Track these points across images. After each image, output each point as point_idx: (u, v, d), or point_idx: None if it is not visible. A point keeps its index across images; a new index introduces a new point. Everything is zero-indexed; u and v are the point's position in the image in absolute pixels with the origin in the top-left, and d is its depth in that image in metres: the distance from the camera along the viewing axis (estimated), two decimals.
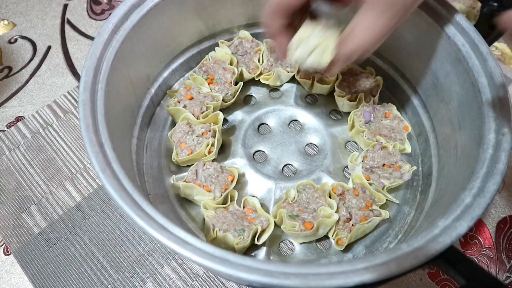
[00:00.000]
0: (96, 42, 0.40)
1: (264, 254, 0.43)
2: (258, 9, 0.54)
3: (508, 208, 0.49)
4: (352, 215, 0.42)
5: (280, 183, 0.47)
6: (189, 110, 0.48)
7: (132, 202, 0.32)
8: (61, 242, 0.46)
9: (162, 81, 0.52)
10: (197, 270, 0.44)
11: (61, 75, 0.60)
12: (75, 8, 0.68)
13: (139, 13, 0.43)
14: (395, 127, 0.49)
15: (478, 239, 0.47)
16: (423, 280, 0.45)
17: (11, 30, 0.64)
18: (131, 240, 0.46)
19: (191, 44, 0.54)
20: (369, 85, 0.51)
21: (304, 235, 0.41)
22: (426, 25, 0.44)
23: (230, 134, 0.51)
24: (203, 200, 0.42)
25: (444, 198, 0.40)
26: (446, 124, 0.45)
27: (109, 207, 0.48)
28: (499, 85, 0.37)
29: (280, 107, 0.53)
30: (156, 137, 0.50)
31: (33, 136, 0.53)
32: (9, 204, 0.48)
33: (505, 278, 0.45)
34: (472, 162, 0.36)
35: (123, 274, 0.44)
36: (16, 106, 0.57)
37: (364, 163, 0.45)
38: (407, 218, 0.45)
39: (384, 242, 0.44)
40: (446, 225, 0.31)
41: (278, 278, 0.27)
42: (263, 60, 0.54)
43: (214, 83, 0.51)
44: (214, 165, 0.44)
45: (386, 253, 0.29)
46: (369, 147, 0.46)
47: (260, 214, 0.43)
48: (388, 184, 0.44)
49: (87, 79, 0.37)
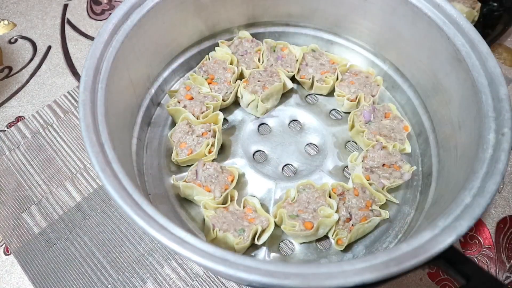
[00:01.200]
0: (96, 42, 0.40)
1: (264, 254, 0.43)
2: (258, 9, 0.54)
3: (508, 208, 0.49)
4: (352, 215, 0.42)
5: (280, 183, 0.47)
6: (189, 110, 0.48)
7: (132, 202, 0.32)
8: (61, 242, 0.46)
9: (162, 81, 0.52)
10: (197, 270, 0.44)
11: (61, 75, 0.60)
12: (75, 8, 0.68)
13: (139, 13, 0.43)
14: (395, 127, 0.49)
15: (478, 239, 0.47)
16: (423, 280, 0.45)
17: (11, 30, 0.64)
18: (131, 240, 0.46)
19: (191, 44, 0.54)
20: (369, 85, 0.51)
21: (304, 235, 0.41)
22: (426, 25, 0.44)
23: (230, 134, 0.51)
24: (203, 200, 0.42)
25: (444, 198, 0.40)
26: (446, 124, 0.45)
27: (109, 207, 0.48)
28: (499, 85, 0.37)
29: (280, 107, 0.53)
30: (156, 137, 0.50)
31: (33, 136, 0.53)
32: (9, 204, 0.48)
33: (505, 278, 0.45)
34: (472, 162, 0.36)
35: (123, 274, 0.44)
36: (16, 106, 0.57)
37: (364, 163, 0.45)
38: (407, 218, 0.45)
39: (384, 242, 0.44)
40: (446, 225, 0.31)
41: (278, 278, 0.27)
42: (263, 60, 0.54)
43: (214, 83, 0.51)
44: (214, 165, 0.44)
45: (386, 253, 0.29)
46: (369, 147, 0.46)
47: (260, 214, 0.43)
48: (388, 184, 0.44)
49: (87, 79, 0.37)
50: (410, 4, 0.44)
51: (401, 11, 0.46)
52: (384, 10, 0.48)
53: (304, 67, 0.54)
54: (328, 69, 0.53)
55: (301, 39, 0.58)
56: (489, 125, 0.36)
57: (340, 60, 0.54)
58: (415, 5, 0.44)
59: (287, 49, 0.54)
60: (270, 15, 0.55)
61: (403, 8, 0.45)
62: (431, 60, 0.46)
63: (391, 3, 0.47)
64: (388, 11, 0.47)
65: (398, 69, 0.52)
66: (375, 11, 0.49)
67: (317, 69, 0.53)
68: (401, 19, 0.47)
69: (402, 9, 0.46)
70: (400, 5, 0.46)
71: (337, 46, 0.57)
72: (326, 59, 0.54)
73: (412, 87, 0.51)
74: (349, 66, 0.54)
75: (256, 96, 0.49)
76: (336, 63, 0.54)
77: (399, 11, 0.46)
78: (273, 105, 0.53)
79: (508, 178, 0.52)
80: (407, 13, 0.45)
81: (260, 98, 0.49)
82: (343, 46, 0.56)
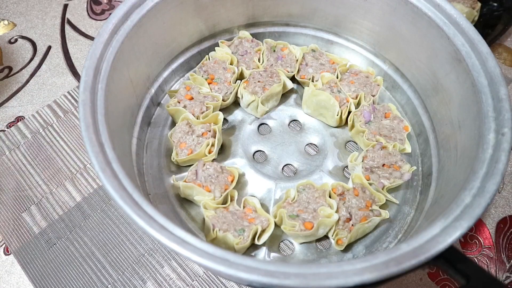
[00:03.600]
0: (96, 42, 0.40)
1: (264, 254, 0.43)
2: (258, 9, 0.54)
3: (508, 208, 0.49)
4: (352, 215, 0.42)
5: (280, 183, 0.47)
6: (189, 110, 0.48)
7: (132, 202, 0.32)
8: (61, 242, 0.46)
9: (162, 81, 0.52)
10: (197, 270, 0.44)
11: (61, 75, 0.60)
12: (75, 8, 0.68)
13: (139, 13, 0.43)
14: (395, 127, 0.49)
15: (478, 239, 0.47)
16: (423, 280, 0.45)
17: (11, 30, 0.64)
18: (131, 240, 0.46)
19: (191, 44, 0.54)
20: (369, 85, 0.51)
21: (304, 235, 0.41)
22: (426, 25, 0.44)
23: (230, 134, 0.51)
24: (203, 200, 0.42)
25: (444, 198, 0.40)
26: (446, 124, 0.45)
27: (109, 207, 0.48)
28: (499, 85, 0.37)
29: (280, 107, 0.53)
30: (156, 137, 0.50)
31: (33, 136, 0.53)
32: (9, 204, 0.48)
33: (505, 278, 0.45)
34: (472, 162, 0.36)
35: (123, 274, 0.44)
36: (16, 106, 0.57)
37: (364, 163, 0.45)
38: (407, 218, 0.45)
39: (384, 242, 0.44)
40: (446, 225, 0.31)
41: (278, 278, 0.27)
42: (263, 60, 0.54)
43: (214, 83, 0.51)
44: (214, 165, 0.44)
45: (386, 253, 0.29)
46: (369, 147, 0.46)
47: (260, 214, 0.43)
48: (388, 184, 0.44)
49: (87, 79, 0.37)
50: (410, 4, 0.44)
51: (401, 11, 0.46)
52: (384, 10, 0.48)
53: (304, 67, 0.54)
54: (328, 69, 0.53)
55: (301, 39, 0.58)
56: (489, 125, 0.36)
57: (340, 60, 0.54)
58: (415, 5, 0.44)
59: (287, 49, 0.54)
60: (270, 15, 0.55)
61: (403, 8, 0.45)
62: (431, 60, 0.46)
63: (391, 3, 0.47)
64: (388, 11, 0.47)
65: (398, 69, 0.52)
66: (375, 11, 0.49)
67: (317, 69, 0.53)
68: (401, 19, 0.47)
69: (402, 9, 0.46)
70: (400, 5, 0.46)
71: (337, 46, 0.57)
72: (326, 59, 0.54)
73: (412, 87, 0.51)
74: (349, 66, 0.54)
75: (256, 97, 0.49)
76: (336, 63, 0.54)
77: (399, 11, 0.46)
78: (273, 106, 0.53)
79: (508, 178, 0.52)
80: (407, 13, 0.45)
81: (260, 99, 0.49)
82: (343, 46, 0.56)
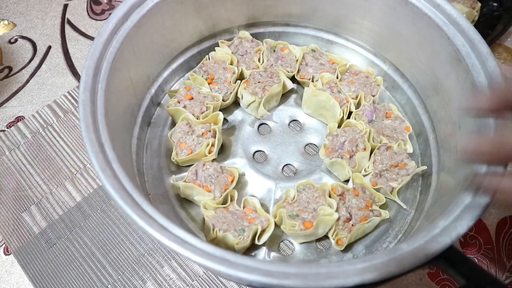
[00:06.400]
0: (96, 42, 0.40)
1: (264, 254, 0.43)
2: (258, 9, 0.54)
3: (508, 208, 0.49)
4: (352, 215, 0.42)
5: (280, 183, 0.47)
6: (189, 110, 0.48)
7: (132, 202, 0.32)
8: (61, 242, 0.46)
9: (162, 81, 0.52)
10: (197, 270, 0.44)
11: (61, 75, 0.60)
12: (75, 8, 0.68)
13: (139, 13, 0.43)
14: (397, 128, 0.49)
15: (478, 239, 0.47)
16: (423, 280, 0.45)
17: (11, 30, 0.64)
18: (131, 240, 0.46)
19: (191, 44, 0.54)
20: (369, 85, 0.51)
21: (304, 235, 0.41)
22: (426, 25, 0.44)
23: (230, 134, 0.51)
24: (203, 200, 0.42)
25: (444, 198, 0.40)
26: (446, 124, 0.45)
27: (109, 207, 0.48)
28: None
29: (280, 107, 0.53)
30: (156, 137, 0.50)
31: (33, 136, 0.53)
32: (9, 204, 0.48)
33: (505, 278, 0.45)
34: None
35: (123, 274, 0.44)
36: (16, 106, 0.57)
37: (374, 168, 0.45)
38: (407, 218, 0.45)
39: (384, 242, 0.44)
40: (446, 225, 0.31)
41: (278, 278, 0.27)
42: (263, 60, 0.54)
43: (214, 83, 0.51)
44: (214, 165, 0.44)
45: (386, 253, 0.29)
46: (375, 150, 0.46)
47: (260, 214, 0.43)
48: (396, 185, 0.44)
49: (87, 79, 0.37)
50: (410, 4, 0.44)
51: (401, 11, 0.46)
52: (384, 10, 0.48)
53: (304, 67, 0.54)
54: (328, 69, 0.53)
55: (301, 39, 0.58)
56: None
57: (340, 60, 0.54)
58: (415, 5, 0.44)
59: (287, 49, 0.54)
60: (270, 15, 0.55)
61: (403, 8, 0.45)
62: (431, 60, 0.46)
63: (391, 3, 0.47)
64: (388, 11, 0.47)
65: (398, 69, 0.52)
66: (375, 11, 0.49)
67: (317, 69, 0.53)
68: (401, 19, 0.47)
69: (402, 9, 0.46)
70: (400, 5, 0.46)
71: (337, 46, 0.57)
72: (326, 59, 0.54)
73: (412, 87, 0.51)
74: (349, 66, 0.54)
75: (257, 98, 0.49)
76: (336, 63, 0.54)
77: (399, 11, 0.46)
78: (273, 106, 0.53)
79: None
80: (407, 13, 0.45)
81: (261, 101, 0.49)
82: (343, 46, 0.56)
